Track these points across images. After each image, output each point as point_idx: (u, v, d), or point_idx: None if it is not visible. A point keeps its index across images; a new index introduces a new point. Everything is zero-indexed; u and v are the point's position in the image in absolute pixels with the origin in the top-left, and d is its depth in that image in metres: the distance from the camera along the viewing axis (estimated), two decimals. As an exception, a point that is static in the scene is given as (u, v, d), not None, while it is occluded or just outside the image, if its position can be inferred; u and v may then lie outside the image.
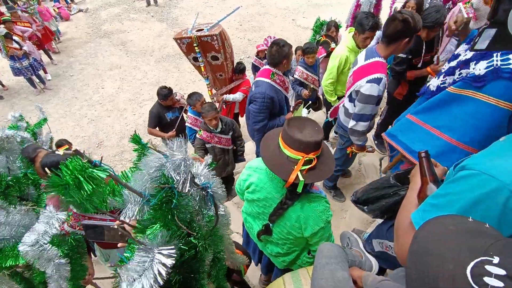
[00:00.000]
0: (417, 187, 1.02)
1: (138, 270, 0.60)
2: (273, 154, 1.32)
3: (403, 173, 1.46)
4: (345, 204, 3.18)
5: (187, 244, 0.73)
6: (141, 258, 0.62)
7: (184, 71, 7.48)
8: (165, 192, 0.64)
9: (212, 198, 0.78)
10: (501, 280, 0.43)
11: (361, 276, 1.00)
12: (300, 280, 1.30)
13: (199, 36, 3.29)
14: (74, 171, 0.55)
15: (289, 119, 1.30)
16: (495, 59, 1.29)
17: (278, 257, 1.64)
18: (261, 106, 2.49)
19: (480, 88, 1.36)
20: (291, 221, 1.39)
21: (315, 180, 1.25)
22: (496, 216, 0.75)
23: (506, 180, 0.72)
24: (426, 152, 1.02)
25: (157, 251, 0.62)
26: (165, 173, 0.64)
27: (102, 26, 10.03)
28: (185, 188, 0.66)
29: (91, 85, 7.28)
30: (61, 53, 8.53)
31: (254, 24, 9.61)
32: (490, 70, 1.30)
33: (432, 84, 1.71)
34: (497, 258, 0.46)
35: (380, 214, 1.60)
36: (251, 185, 1.50)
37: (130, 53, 8.52)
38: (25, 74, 6.39)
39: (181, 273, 0.73)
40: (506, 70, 1.25)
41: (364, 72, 2.10)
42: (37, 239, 1.11)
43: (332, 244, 1.15)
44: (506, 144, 0.85)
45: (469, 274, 0.46)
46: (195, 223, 0.78)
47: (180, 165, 0.64)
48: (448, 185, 0.87)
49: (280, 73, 2.52)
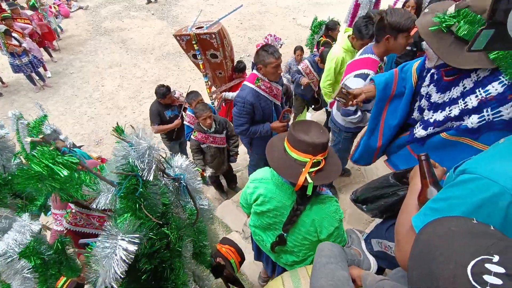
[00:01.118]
0: (417, 189, 1.01)
1: (101, 255, 0.61)
2: (279, 158, 1.31)
3: (402, 172, 1.46)
4: (344, 204, 3.18)
5: (159, 234, 0.73)
6: (104, 244, 0.62)
7: (184, 69, 7.47)
8: (129, 181, 0.64)
9: (186, 189, 0.78)
10: (500, 278, 0.44)
11: (360, 275, 1.00)
12: (299, 279, 1.30)
13: (198, 34, 3.29)
14: (43, 159, 0.55)
15: (293, 123, 1.30)
16: (485, 114, 1.27)
17: (293, 265, 1.62)
18: (241, 111, 2.45)
19: (476, 139, 1.34)
20: (306, 226, 1.39)
21: (324, 182, 1.25)
22: (499, 221, 0.74)
23: (508, 185, 0.72)
24: (426, 155, 1.01)
25: (120, 238, 0.63)
26: (130, 162, 0.64)
27: (102, 23, 10.00)
28: (150, 176, 0.66)
29: (91, 82, 7.27)
30: (61, 51, 8.51)
31: (255, 22, 9.59)
32: (483, 124, 1.29)
33: (418, 133, 1.63)
34: (497, 256, 0.46)
35: (379, 214, 1.60)
36: (259, 197, 1.47)
37: (130, 51, 8.51)
38: (24, 71, 6.38)
39: (152, 263, 0.73)
40: (500, 122, 1.24)
41: (354, 66, 2.14)
42: (5, 249, 1.05)
43: (332, 244, 1.15)
44: (506, 146, 0.85)
45: (469, 272, 0.46)
46: (170, 214, 0.78)
47: (145, 154, 0.64)
48: (449, 189, 0.87)
49: (265, 79, 2.43)
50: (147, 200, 0.68)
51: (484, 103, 1.27)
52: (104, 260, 0.62)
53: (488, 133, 1.29)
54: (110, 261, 0.61)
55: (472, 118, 1.31)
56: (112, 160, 0.66)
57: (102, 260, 0.62)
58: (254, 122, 2.60)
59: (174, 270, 0.79)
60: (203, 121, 2.89)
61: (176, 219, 0.80)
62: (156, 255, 0.74)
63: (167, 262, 0.77)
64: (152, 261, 0.73)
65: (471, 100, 1.31)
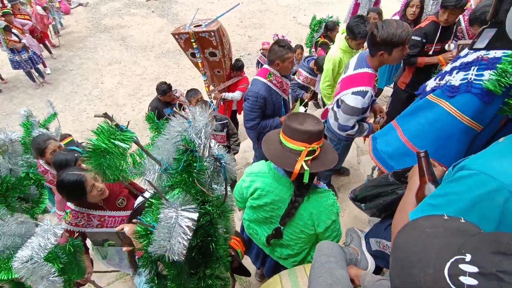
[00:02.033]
0: (415, 187, 1.02)
1: (167, 226, 0.64)
2: (275, 149, 1.33)
3: (402, 171, 1.46)
4: (343, 203, 3.19)
5: (202, 210, 0.77)
6: (167, 214, 0.65)
7: (184, 67, 7.45)
8: (187, 156, 0.67)
9: (224, 170, 0.82)
10: (475, 278, 0.43)
11: (358, 275, 1.00)
12: (297, 278, 1.30)
13: (197, 32, 3.27)
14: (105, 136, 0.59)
15: (288, 115, 1.32)
16: (471, 72, 1.31)
17: (287, 259, 1.63)
18: (253, 105, 2.48)
19: (450, 98, 1.39)
20: (304, 220, 1.40)
21: (320, 169, 1.26)
22: (496, 217, 0.75)
23: (506, 180, 0.72)
24: (425, 152, 1.02)
25: (181, 209, 0.66)
26: (187, 138, 0.67)
27: (102, 20, 9.96)
28: (206, 152, 0.69)
29: (90, 79, 7.25)
30: (61, 47, 8.48)
31: (255, 21, 9.57)
32: (464, 83, 1.32)
33: (429, 85, 1.70)
34: (469, 255, 0.46)
35: (377, 212, 1.60)
36: (256, 191, 1.47)
37: (130, 48, 8.48)
38: (24, 67, 6.35)
39: (198, 237, 0.77)
40: (477, 86, 1.27)
41: (351, 82, 2.08)
42: (31, 255, 1.06)
43: (330, 243, 1.15)
44: (505, 145, 0.85)
45: (446, 275, 0.46)
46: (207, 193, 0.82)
47: (201, 130, 0.67)
48: (447, 185, 0.87)
49: (277, 74, 2.48)
50: (199, 175, 0.71)
51: (476, 61, 1.32)
52: (169, 231, 0.65)
53: (462, 95, 1.33)
54: (175, 231, 0.64)
55: (458, 74, 1.37)
56: (163, 138, 0.69)
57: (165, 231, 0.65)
58: (265, 117, 2.63)
59: (216, 245, 0.83)
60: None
61: (214, 199, 0.84)
62: (201, 231, 0.78)
63: (211, 237, 0.81)
64: (197, 237, 0.77)
65: (471, 55, 1.36)
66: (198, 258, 0.82)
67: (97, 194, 1.79)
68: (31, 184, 1.82)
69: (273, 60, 2.39)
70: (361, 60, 2.09)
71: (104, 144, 0.59)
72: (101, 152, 0.59)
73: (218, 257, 0.85)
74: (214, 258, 0.85)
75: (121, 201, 1.97)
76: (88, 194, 1.75)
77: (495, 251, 0.45)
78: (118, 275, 2.84)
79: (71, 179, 1.69)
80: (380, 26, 1.79)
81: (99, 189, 1.79)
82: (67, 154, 2.01)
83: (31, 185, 1.81)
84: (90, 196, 1.77)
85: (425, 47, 2.89)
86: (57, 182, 1.69)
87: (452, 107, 1.39)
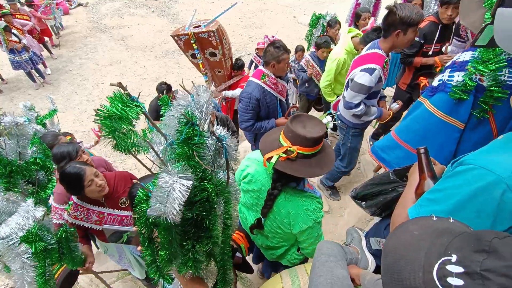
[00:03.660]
0: (415, 183, 1.02)
1: (163, 189, 0.70)
2: (270, 142, 1.37)
3: (402, 169, 1.46)
4: (344, 202, 3.19)
5: (201, 186, 0.82)
6: (165, 178, 0.71)
7: (184, 67, 7.45)
8: (188, 128, 0.72)
9: (226, 151, 0.86)
10: (461, 278, 0.44)
11: (359, 274, 1.00)
12: (298, 277, 1.30)
13: (197, 33, 3.27)
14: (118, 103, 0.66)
15: (295, 115, 1.32)
16: (445, 74, 1.47)
17: (267, 250, 1.68)
18: (247, 106, 2.48)
19: (430, 97, 1.54)
20: (281, 216, 1.41)
21: (286, 171, 1.26)
22: (492, 210, 0.75)
23: (503, 174, 0.72)
24: (425, 149, 1.02)
25: (178, 176, 0.72)
26: (189, 112, 0.73)
27: (102, 20, 9.97)
28: (205, 125, 0.75)
29: (90, 80, 7.25)
30: (61, 47, 8.48)
31: (255, 20, 9.57)
32: (440, 83, 1.47)
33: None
34: (454, 255, 0.46)
35: (378, 211, 1.60)
36: (247, 176, 1.53)
37: (130, 48, 8.48)
38: (24, 68, 6.35)
39: (194, 211, 0.82)
40: (449, 86, 1.42)
41: (361, 61, 2.17)
42: (9, 233, 1.09)
43: (331, 242, 1.15)
44: (504, 142, 0.85)
45: (435, 278, 0.46)
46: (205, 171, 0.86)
47: (203, 106, 0.73)
48: (446, 180, 0.88)
49: (271, 75, 2.48)
50: (199, 149, 0.77)
51: (451, 64, 1.48)
52: (165, 194, 0.70)
53: (439, 93, 1.48)
54: (171, 195, 0.70)
55: (438, 76, 1.53)
56: (169, 115, 0.75)
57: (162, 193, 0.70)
58: (260, 118, 2.63)
59: (211, 222, 0.88)
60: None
61: (213, 177, 0.88)
62: (197, 205, 0.82)
63: (207, 213, 0.85)
64: (194, 210, 0.82)
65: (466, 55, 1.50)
66: (191, 230, 0.86)
67: (95, 190, 1.80)
68: (38, 169, 1.84)
69: (268, 61, 2.39)
70: (373, 43, 2.19)
71: (116, 110, 0.66)
72: (114, 117, 0.66)
73: (211, 235, 0.89)
74: (206, 235, 0.89)
75: (124, 201, 1.98)
76: (86, 188, 1.76)
77: (478, 249, 0.45)
78: (119, 275, 2.85)
79: (71, 171, 1.71)
80: (398, 6, 1.90)
81: (98, 184, 1.80)
82: (68, 146, 2.02)
83: (37, 170, 1.83)
84: (88, 190, 1.78)
85: (424, 47, 2.90)
86: (60, 173, 1.73)
87: (430, 105, 1.54)
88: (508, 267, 0.42)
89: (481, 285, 0.42)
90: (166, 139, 0.77)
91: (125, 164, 4.61)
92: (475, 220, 0.79)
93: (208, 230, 0.88)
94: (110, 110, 0.66)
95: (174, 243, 0.86)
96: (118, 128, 0.68)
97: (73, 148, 2.01)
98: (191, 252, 0.88)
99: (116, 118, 0.67)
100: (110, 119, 0.67)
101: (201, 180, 0.82)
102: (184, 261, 0.91)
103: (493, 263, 0.43)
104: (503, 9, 0.74)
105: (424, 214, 0.88)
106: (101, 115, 0.67)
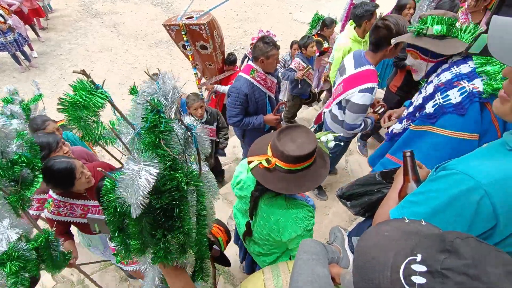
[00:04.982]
0: (399, 185, 1.04)
1: (129, 178, 0.70)
2: (261, 144, 1.37)
3: (389, 171, 1.49)
4: (329, 201, 3.23)
5: (170, 175, 0.81)
6: (131, 166, 0.71)
7: (176, 58, 7.33)
8: (154, 115, 0.71)
9: (195, 140, 0.85)
10: (423, 276, 0.46)
11: (339, 273, 1.02)
12: (280, 274, 1.32)
13: (188, 25, 3.20)
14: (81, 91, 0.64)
15: (286, 127, 1.30)
16: (437, 98, 1.48)
17: (259, 256, 1.67)
18: (235, 101, 2.47)
19: (434, 123, 1.51)
20: (270, 223, 1.41)
21: (260, 181, 1.26)
22: (469, 215, 0.77)
23: (483, 180, 0.74)
24: (411, 152, 1.04)
25: (144, 163, 0.71)
26: (155, 99, 0.72)
27: (94, 5, 9.67)
28: (172, 113, 0.74)
29: (80, 66, 7.04)
30: (49, 31, 8.20)
31: (251, 14, 9.48)
32: (437, 108, 1.47)
33: (396, 128, 1.84)
34: (419, 255, 0.48)
35: (362, 211, 1.63)
36: (240, 182, 1.52)
37: (122, 36, 8.28)
38: (9, 50, 6.11)
39: (163, 201, 0.81)
40: (449, 105, 1.42)
41: (356, 81, 2.08)
42: None
43: (314, 241, 1.17)
44: (488, 149, 0.88)
45: (401, 276, 0.48)
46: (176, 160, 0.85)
47: (169, 92, 0.73)
48: (428, 183, 0.90)
49: (260, 70, 2.46)
50: (166, 137, 0.76)
51: (437, 89, 1.49)
52: (131, 182, 0.69)
53: (443, 117, 1.46)
54: (136, 182, 0.69)
55: (429, 104, 1.52)
56: (136, 104, 0.74)
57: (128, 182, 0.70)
58: (248, 114, 2.61)
59: (182, 212, 0.87)
60: (195, 111, 2.85)
61: (184, 167, 0.87)
62: (167, 194, 0.81)
63: (177, 202, 0.84)
64: (163, 199, 0.81)
65: (429, 87, 1.56)
66: (161, 219, 0.86)
67: (85, 182, 1.76)
68: (23, 168, 1.77)
69: (257, 56, 2.37)
70: (359, 57, 2.11)
71: (80, 98, 0.64)
72: (77, 105, 0.64)
73: (182, 225, 0.89)
74: (178, 225, 0.88)
75: None
76: (77, 181, 1.71)
77: (441, 249, 0.48)
78: (102, 265, 2.81)
79: (61, 166, 1.64)
80: (392, 20, 1.87)
81: (87, 176, 1.75)
82: (48, 136, 1.91)
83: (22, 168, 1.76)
84: (78, 183, 1.73)
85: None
86: (44, 169, 1.59)
87: (440, 129, 1.49)
88: (466, 265, 0.44)
89: (440, 283, 0.44)
90: (134, 129, 0.76)
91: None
92: (454, 224, 0.81)
93: (179, 219, 0.87)
94: (73, 99, 0.64)
95: (144, 232, 0.85)
96: (83, 117, 0.66)
97: (54, 139, 1.91)
98: (162, 242, 0.88)
99: (80, 107, 0.65)
100: (74, 107, 0.65)
101: (170, 169, 0.81)
102: (155, 251, 0.90)
103: (453, 262, 0.45)
104: (497, 17, 0.73)
105: (405, 215, 0.90)
106: (65, 104, 0.65)
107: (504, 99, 0.79)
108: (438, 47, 1.52)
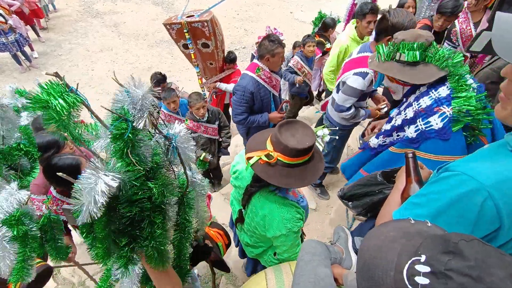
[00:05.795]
0: (402, 187, 1.04)
1: (85, 186, 0.68)
2: (258, 140, 1.37)
3: (391, 171, 1.48)
4: (331, 201, 3.22)
5: (143, 185, 0.79)
6: (89, 174, 0.69)
7: (177, 57, 7.33)
8: (120, 123, 0.69)
9: (176, 150, 0.83)
10: (427, 277, 0.46)
11: (342, 274, 1.01)
12: (282, 275, 1.31)
13: (190, 22, 3.20)
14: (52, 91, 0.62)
15: (285, 121, 1.29)
16: (419, 124, 1.44)
17: (248, 247, 1.70)
18: (241, 99, 2.47)
19: (417, 148, 1.49)
20: (258, 217, 1.42)
21: (259, 174, 1.25)
22: (472, 217, 0.77)
23: (485, 182, 0.74)
24: (413, 153, 1.03)
25: (103, 173, 0.69)
26: (125, 108, 0.70)
27: (94, 5, 9.68)
28: (140, 124, 0.71)
29: (80, 66, 7.06)
30: (49, 31, 8.21)
31: (251, 14, 9.47)
32: (419, 133, 1.45)
33: (372, 142, 1.79)
34: (424, 256, 0.48)
35: (363, 211, 1.63)
36: (236, 171, 1.55)
37: (122, 36, 8.29)
38: (10, 50, 6.13)
39: (132, 210, 0.79)
40: (431, 131, 1.40)
41: (353, 64, 2.17)
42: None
43: (316, 241, 1.16)
44: (489, 151, 0.87)
45: (405, 276, 0.48)
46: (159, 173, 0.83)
47: (138, 101, 0.71)
48: (430, 185, 0.89)
49: (266, 68, 2.48)
50: (134, 147, 0.73)
51: (417, 114, 1.45)
52: (87, 190, 0.68)
53: (426, 142, 1.43)
54: (92, 192, 0.67)
55: (410, 128, 1.48)
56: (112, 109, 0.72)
57: (85, 190, 0.68)
58: (253, 112, 2.61)
59: (153, 224, 0.84)
60: (197, 111, 2.86)
61: (164, 178, 0.84)
62: (137, 204, 0.79)
63: (147, 212, 0.82)
64: (132, 208, 0.79)
65: (409, 111, 1.50)
66: (126, 228, 0.83)
67: None
68: (21, 155, 1.77)
69: (263, 55, 2.38)
70: (364, 46, 2.20)
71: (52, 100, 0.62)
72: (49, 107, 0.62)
73: (148, 237, 0.86)
74: (144, 236, 0.85)
75: None
76: None
77: (445, 250, 0.48)
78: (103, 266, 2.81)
79: (67, 162, 1.64)
80: (392, 12, 1.92)
81: None
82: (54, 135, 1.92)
83: (21, 156, 1.76)
84: None
85: None
86: (49, 166, 1.60)
87: (425, 153, 1.47)
88: (470, 267, 0.44)
89: (444, 284, 0.44)
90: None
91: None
92: (456, 226, 0.80)
93: (147, 230, 0.84)
94: (43, 99, 0.62)
95: (108, 239, 0.84)
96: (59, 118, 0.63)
97: (59, 138, 1.94)
98: (126, 250, 0.85)
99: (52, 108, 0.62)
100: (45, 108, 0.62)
101: (146, 178, 0.79)
102: (118, 258, 0.88)
103: (457, 263, 0.45)
104: (501, 14, 0.71)
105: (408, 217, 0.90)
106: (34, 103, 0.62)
107: (504, 100, 0.78)
108: (406, 75, 1.48)
